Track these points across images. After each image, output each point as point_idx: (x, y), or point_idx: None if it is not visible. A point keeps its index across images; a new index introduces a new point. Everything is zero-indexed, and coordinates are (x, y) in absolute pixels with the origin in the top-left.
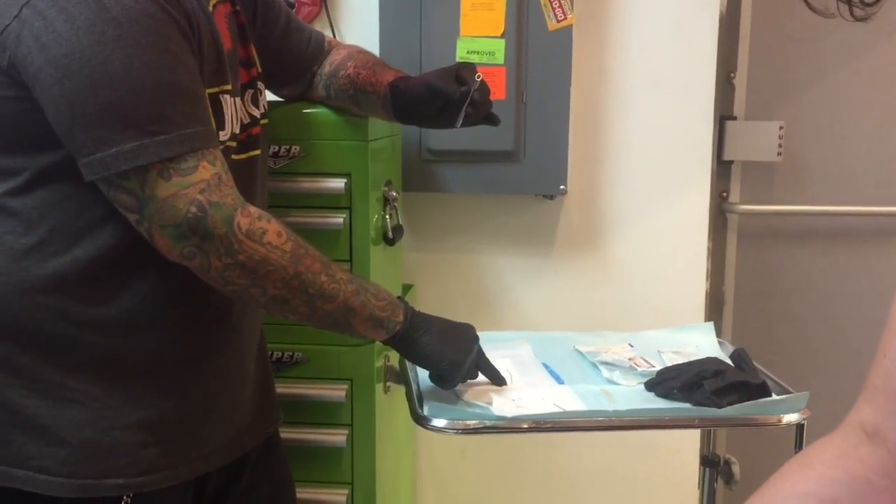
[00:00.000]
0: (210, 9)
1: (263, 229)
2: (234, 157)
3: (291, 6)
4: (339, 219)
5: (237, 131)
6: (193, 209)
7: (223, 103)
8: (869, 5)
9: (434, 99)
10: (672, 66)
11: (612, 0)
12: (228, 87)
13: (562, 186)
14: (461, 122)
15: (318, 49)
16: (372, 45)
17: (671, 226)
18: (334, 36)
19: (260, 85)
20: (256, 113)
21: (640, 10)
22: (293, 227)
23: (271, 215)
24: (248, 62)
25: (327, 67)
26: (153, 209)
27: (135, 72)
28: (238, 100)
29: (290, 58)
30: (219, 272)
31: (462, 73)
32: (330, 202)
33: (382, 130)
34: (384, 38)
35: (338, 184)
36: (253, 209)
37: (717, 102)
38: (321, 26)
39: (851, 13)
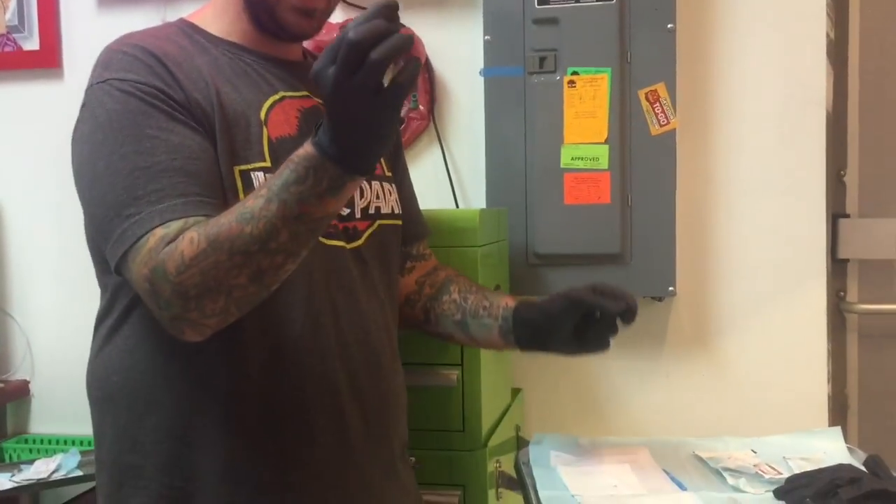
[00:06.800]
0: (267, 102)
1: (181, 251)
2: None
3: (402, 122)
4: None
5: None
6: (146, 285)
7: (254, 180)
8: None
9: (570, 316)
10: (779, 165)
11: (715, 103)
12: (265, 164)
13: (670, 288)
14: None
15: (424, 232)
16: (478, 154)
17: (787, 327)
18: (442, 148)
19: (376, 186)
20: (357, 207)
21: (743, 112)
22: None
23: (182, 224)
24: None
25: (427, 289)
26: (136, 290)
27: (114, 166)
28: None
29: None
30: (200, 316)
31: (608, 290)
32: None
33: (490, 236)
34: (490, 147)
35: None
36: (171, 242)
37: (828, 200)
38: (429, 139)
39: None
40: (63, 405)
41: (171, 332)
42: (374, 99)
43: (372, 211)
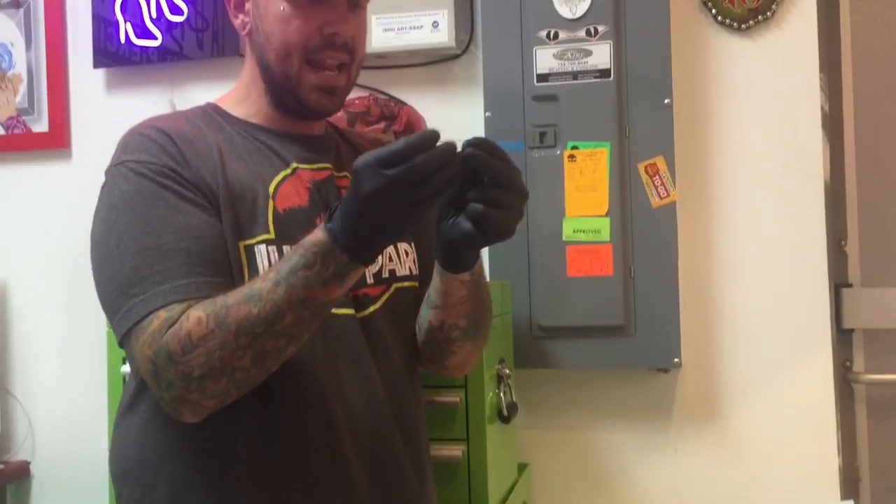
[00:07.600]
0: (278, 176)
1: (188, 332)
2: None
3: None
4: (455, 398)
5: None
6: (149, 366)
7: (257, 253)
8: None
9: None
10: (780, 235)
11: (714, 175)
12: (269, 236)
13: (675, 359)
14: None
15: None
16: None
17: (794, 397)
18: None
19: (389, 249)
20: (368, 272)
21: (742, 183)
22: None
23: (184, 307)
24: None
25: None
26: (138, 369)
27: (123, 245)
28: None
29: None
30: (200, 398)
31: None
32: (446, 381)
33: (494, 309)
34: None
35: None
36: (173, 325)
37: (830, 270)
38: None
39: None
40: (64, 487)
41: (170, 412)
42: (418, 209)
43: (386, 275)
